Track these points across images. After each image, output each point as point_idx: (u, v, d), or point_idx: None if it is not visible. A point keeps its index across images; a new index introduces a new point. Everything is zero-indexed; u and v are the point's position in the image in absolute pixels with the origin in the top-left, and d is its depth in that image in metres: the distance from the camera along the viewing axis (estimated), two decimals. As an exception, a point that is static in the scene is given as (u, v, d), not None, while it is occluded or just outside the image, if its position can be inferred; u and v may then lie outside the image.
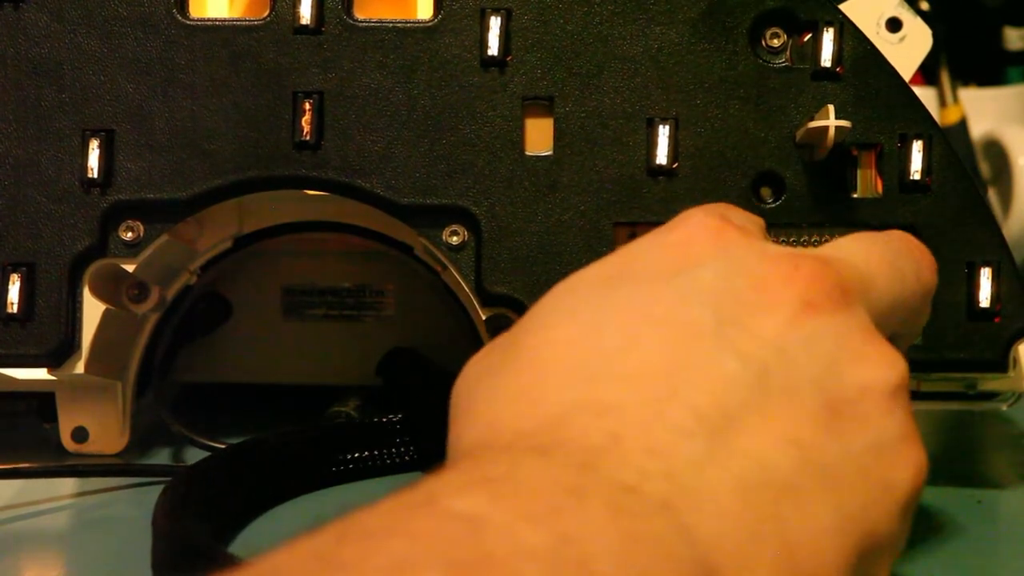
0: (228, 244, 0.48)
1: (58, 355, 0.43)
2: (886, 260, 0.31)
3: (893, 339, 0.30)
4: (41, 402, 0.47)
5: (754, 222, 0.32)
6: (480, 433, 0.26)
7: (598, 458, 0.24)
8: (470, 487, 0.22)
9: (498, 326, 0.41)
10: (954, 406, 0.50)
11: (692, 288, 0.27)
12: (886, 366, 0.27)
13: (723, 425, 0.25)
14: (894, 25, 0.44)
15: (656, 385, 0.25)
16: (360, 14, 0.43)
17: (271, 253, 0.51)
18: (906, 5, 0.45)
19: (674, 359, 0.26)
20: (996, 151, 0.55)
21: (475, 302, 0.42)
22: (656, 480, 0.23)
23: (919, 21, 0.45)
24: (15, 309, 0.42)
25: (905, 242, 0.33)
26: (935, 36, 0.45)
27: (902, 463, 0.27)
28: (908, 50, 0.44)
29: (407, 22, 0.43)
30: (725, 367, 0.26)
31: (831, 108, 0.39)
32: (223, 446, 0.46)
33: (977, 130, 0.50)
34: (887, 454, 0.26)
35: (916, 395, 0.46)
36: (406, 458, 0.44)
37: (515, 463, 0.24)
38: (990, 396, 0.46)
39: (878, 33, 0.44)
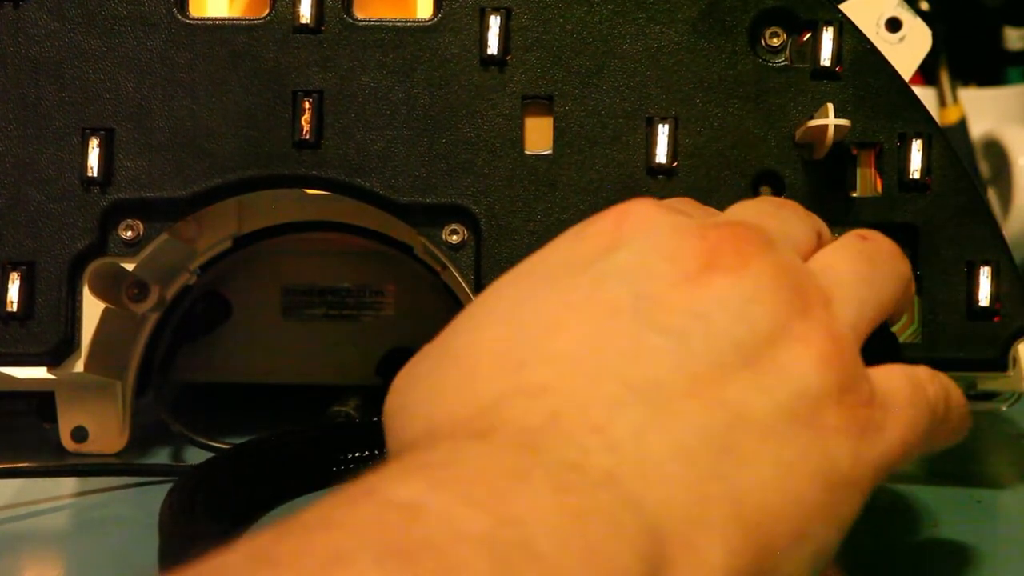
0: (228, 244, 0.49)
1: (58, 354, 0.43)
2: (772, 209, 0.32)
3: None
4: (41, 402, 0.48)
5: (693, 205, 0.33)
6: (418, 429, 0.27)
7: (539, 438, 0.24)
8: (409, 475, 0.22)
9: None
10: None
11: (608, 271, 0.28)
12: (802, 311, 0.27)
13: (655, 394, 0.25)
14: (894, 25, 0.44)
15: (584, 364, 0.26)
16: (360, 13, 0.43)
17: (271, 253, 0.51)
18: (906, 5, 0.45)
19: (598, 338, 0.26)
20: (996, 151, 0.55)
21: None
22: (599, 454, 0.24)
23: (919, 21, 0.45)
24: (15, 308, 0.42)
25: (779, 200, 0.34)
26: (935, 36, 0.45)
27: (830, 402, 0.26)
28: (908, 50, 0.44)
29: (406, 21, 0.43)
30: (647, 340, 0.26)
31: (830, 107, 0.39)
32: (223, 446, 0.46)
33: (977, 130, 0.50)
34: (812, 397, 0.26)
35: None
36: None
37: (455, 449, 0.24)
38: (989, 396, 0.46)
39: (878, 33, 0.44)
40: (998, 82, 0.69)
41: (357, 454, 0.44)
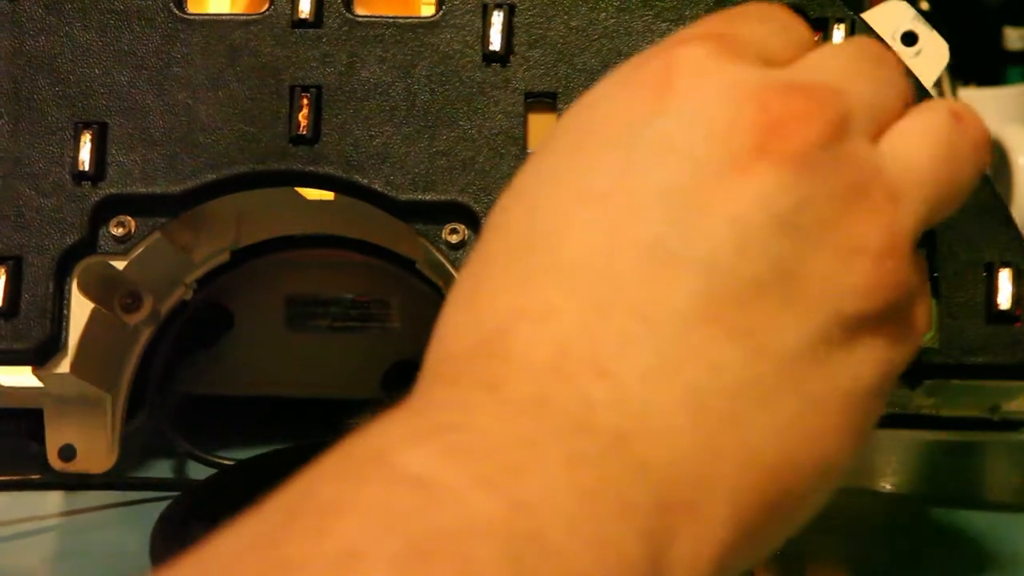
0: (225, 257, 0.47)
1: (43, 352, 0.41)
2: (866, 66, 0.28)
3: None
4: (30, 421, 0.46)
5: (772, 26, 0.28)
6: (433, 354, 0.25)
7: (546, 386, 0.22)
8: (420, 440, 0.21)
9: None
10: (976, 437, 0.48)
11: (642, 148, 0.24)
12: (852, 215, 0.24)
13: (670, 325, 0.23)
14: (910, 39, 0.43)
15: (595, 280, 0.23)
16: (360, 10, 0.42)
17: (273, 262, 0.50)
18: (922, 19, 0.44)
19: (615, 244, 0.23)
20: (996, 151, 0.54)
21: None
22: (606, 409, 0.22)
23: (935, 35, 0.44)
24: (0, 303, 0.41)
25: (872, 51, 0.29)
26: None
27: (870, 327, 0.24)
28: (924, 64, 0.43)
29: (408, 18, 0.42)
30: (670, 251, 0.23)
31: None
32: (226, 461, 0.44)
33: None
34: (852, 320, 0.24)
35: (935, 422, 0.45)
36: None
37: (465, 407, 0.22)
38: (1015, 426, 0.45)
39: (893, 47, 0.43)
40: (998, 82, 0.68)
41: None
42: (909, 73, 0.29)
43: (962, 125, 0.28)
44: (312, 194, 0.44)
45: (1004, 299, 0.39)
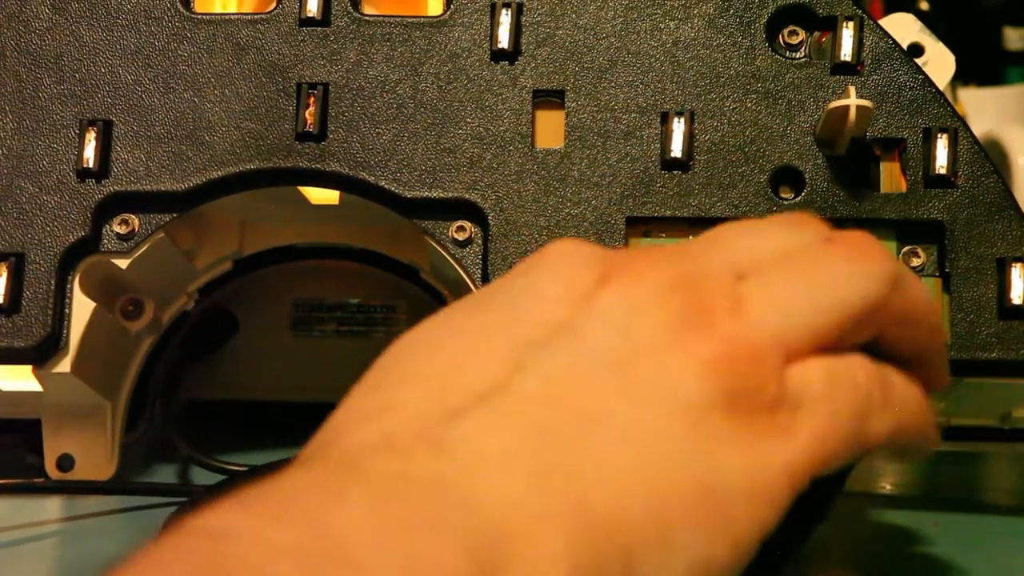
0: (228, 266, 0.47)
1: (43, 351, 0.40)
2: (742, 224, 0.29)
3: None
4: (29, 433, 0.46)
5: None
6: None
7: (363, 457, 0.23)
8: (224, 504, 0.22)
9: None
10: (988, 448, 0.47)
11: (500, 298, 0.27)
12: (686, 322, 0.25)
13: (501, 400, 0.24)
14: (916, 51, 0.43)
15: (436, 381, 0.25)
16: (368, 9, 0.42)
17: (279, 267, 0.49)
18: (928, 31, 0.44)
19: (462, 357, 0.25)
20: (996, 151, 0.54)
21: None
22: (425, 461, 0.23)
23: (941, 46, 0.44)
24: (1, 300, 0.40)
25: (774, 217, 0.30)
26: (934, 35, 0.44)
27: (717, 411, 0.24)
28: (931, 75, 0.42)
29: (416, 17, 0.42)
30: (510, 354, 0.25)
31: (852, 88, 0.38)
32: (236, 467, 0.44)
33: (977, 130, 0.49)
34: (692, 407, 0.24)
35: (947, 432, 0.44)
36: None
37: (276, 478, 0.23)
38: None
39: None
40: (998, 82, 0.68)
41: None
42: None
43: (834, 244, 0.28)
44: (317, 197, 0.44)
45: (1017, 294, 0.39)
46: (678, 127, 0.40)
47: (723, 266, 0.27)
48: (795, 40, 0.41)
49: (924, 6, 0.67)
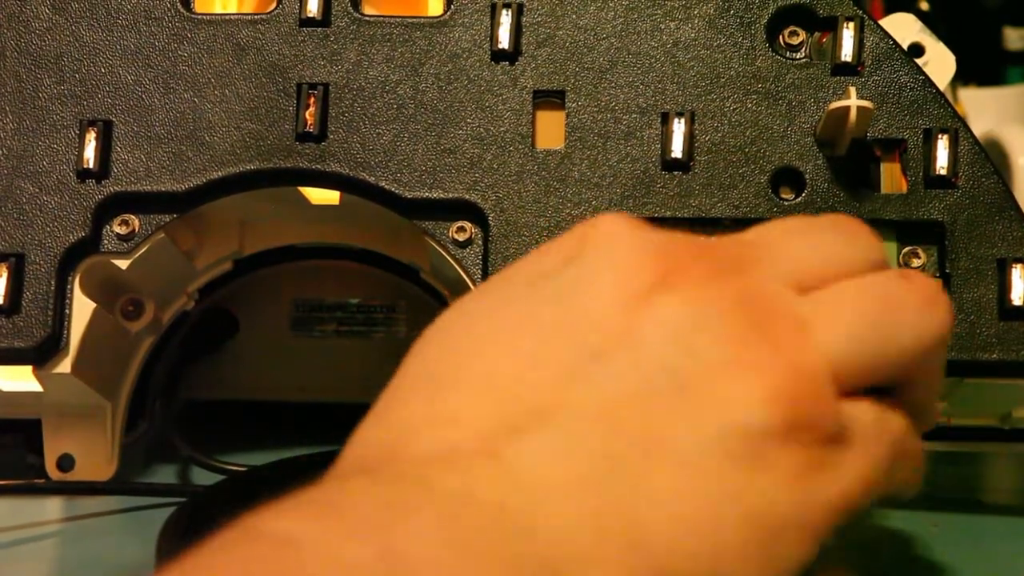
0: (228, 266, 0.47)
1: (43, 351, 0.40)
2: (798, 226, 0.28)
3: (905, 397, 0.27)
4: (29, 433, 0.46)
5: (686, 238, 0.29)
6: (336, 464, 0.25)
7: (430, 470, 0.23)
8: (289, 510, 0.22)
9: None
10: (988, 448, 0.47)
11: (552, 288, 0.26)
12: (758, 338, 0.25)
13: (562, 419, 0.24)
14: (916, 51, 0.43)
15: (498, 390, 0.24)
16: (368, 10, 0.42)
17: (279, 267, 0.49)
18: (928, 31, 0.44)
19: (520, 361, 0.25)
20: (996, 151, 0.54)
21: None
22: (490, 485, 0.22)
23: (941, 46, 0.44)
24: (1, 300, 0.40)
25: (826, 218, 0.29)
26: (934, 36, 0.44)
27: (776, 440, 0.24)
28: (931, 75, 0.42)
29: (416, 17, 0.42)
30: (569, 362, 0.24)
31: (852, 89, 0.38)
32: (235, 467, 0.44)
33: (977, 130, 0.49)
34: (754, 434, 0.24)
35: (946, 432, 0.44)
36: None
37: (341, 486, 0.23)
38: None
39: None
40: (998, 82, 0.68)
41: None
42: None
43: (906, 282, 0.27)
44: (317, 197, 0.44)
45: (1017, 295, 0.39)
46: (678, 128, 0.40)
47: (785, 278, 0.27)
48: (795, 40, 0.41)
49: (924, 6, 0.67)
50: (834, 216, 0.30)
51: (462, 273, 0.40)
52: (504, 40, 0.41)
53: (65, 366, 0.41)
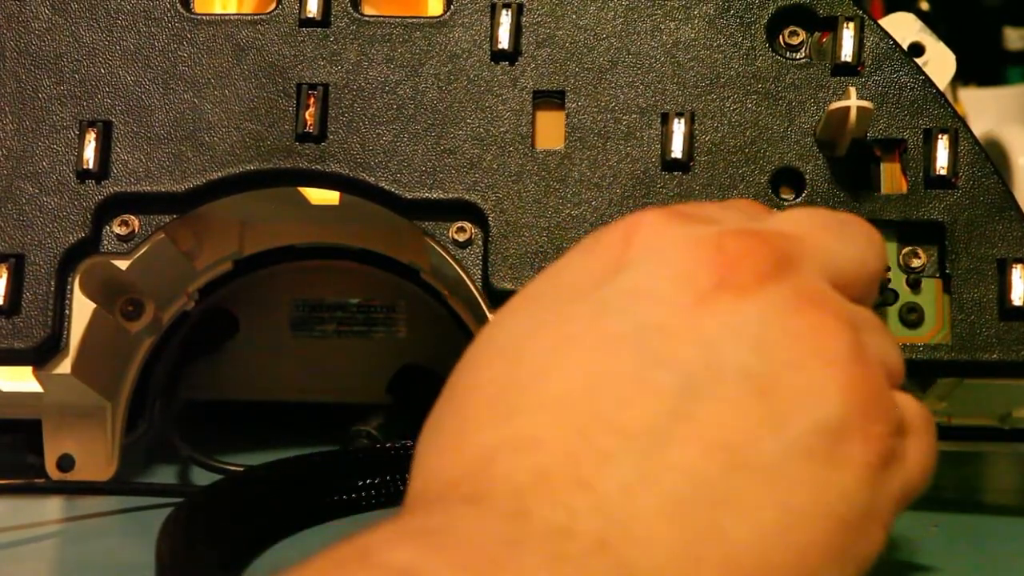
0: (228, 266, 0.47)
1: (43, 352, 0.41)
2: (832, 223, 0.29)
3: None
4: (29, 434, 0.46)
5: (722, 207, 0.30)
6: (417, 487, 0.25)
7: (528, 501, 0.23)
8: (404, 539, 0.21)
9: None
10: (988, 448, 0.47)
11: (611, 297, 0.26)
12: (826, 333, 0.25)
13: (648, 441, 0.23)
14: (916, 50, 0.43)
15: (577, 409, 0.24)
16: (368, 10, 0.42)
17: (279, 267, 0.49)
18: (928, 30, 0.44)
19: (594, 378, 0.24)
20: (996, 151, 0.54)
21: (482, 304, 0.40)
22: (588, 517, 0.22)
23: (942, 46, 0.44)
24: (1, 301, 0.40)
25: (851, 218, 0.30)
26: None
27: (855, 434, 0.24)
28: (931, 75, 0.42)
29: (416, 17, 0.42)
30: (646, 377, 0.24)
31: (852, 89, 0.38)
32: (234, 467, 0.44)
33: (977, 130, 0.49)
34: (833, 429, 0.24)
35: (945, 431, 0.44)
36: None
37: (448, 514, 0.23)
38: (1024, 436, 0.44)
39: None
40: (998, 82, 0.68)
41: (368, 481, 0.41)
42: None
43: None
44: (317, 197, 0.44)
45: (1017, 295, 0.39)
46: (678, 128, 0.40)
47: (829, 277, 0.27)
48: (796, 41, 0.41)
49: (924, 6, 0.67)
50: (852, 217, 0.30)
51: (462, 273, 0.40)
52: (504, 40, 0.41)
53: (65, 366, 0.41)
